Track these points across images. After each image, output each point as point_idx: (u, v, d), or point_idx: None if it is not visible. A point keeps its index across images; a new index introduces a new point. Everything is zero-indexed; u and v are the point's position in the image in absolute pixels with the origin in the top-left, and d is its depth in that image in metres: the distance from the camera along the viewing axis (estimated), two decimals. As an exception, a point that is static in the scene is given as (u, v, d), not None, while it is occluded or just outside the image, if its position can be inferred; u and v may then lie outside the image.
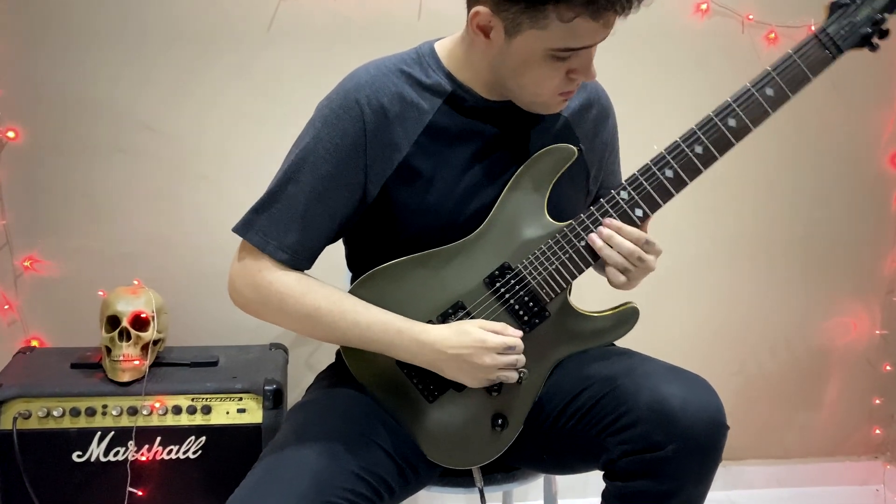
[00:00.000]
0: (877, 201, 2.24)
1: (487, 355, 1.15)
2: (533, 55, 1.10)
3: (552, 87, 1.15)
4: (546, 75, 1.13)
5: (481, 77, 1.20)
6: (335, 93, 1.21)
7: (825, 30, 1.18)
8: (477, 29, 1.12)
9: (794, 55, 1.17)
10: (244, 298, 1.22)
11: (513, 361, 1.16)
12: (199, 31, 1.86)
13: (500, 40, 1.11)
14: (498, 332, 1.16)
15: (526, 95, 1.17)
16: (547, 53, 1.09)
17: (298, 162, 1.19)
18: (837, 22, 1.17)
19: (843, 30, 1.17)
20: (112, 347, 1.65)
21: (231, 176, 1.91)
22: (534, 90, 1.16)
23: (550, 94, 1.16)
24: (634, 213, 1.19)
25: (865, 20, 1.17)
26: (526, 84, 1.15)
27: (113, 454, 1.62)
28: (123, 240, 1.91)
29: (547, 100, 1.18)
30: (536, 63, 1.11)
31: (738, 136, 1.18)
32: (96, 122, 1.86)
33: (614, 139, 1.39)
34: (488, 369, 1.16)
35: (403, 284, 1.22)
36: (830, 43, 1.17)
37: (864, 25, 1.17)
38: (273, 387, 1.65)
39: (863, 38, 1.18)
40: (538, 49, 1.09)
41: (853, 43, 1.18)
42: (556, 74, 1.13)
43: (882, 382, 2.34)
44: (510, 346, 1.15)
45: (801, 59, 1.17)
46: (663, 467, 1.10)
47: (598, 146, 1.34)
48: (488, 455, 1.27)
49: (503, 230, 1.21)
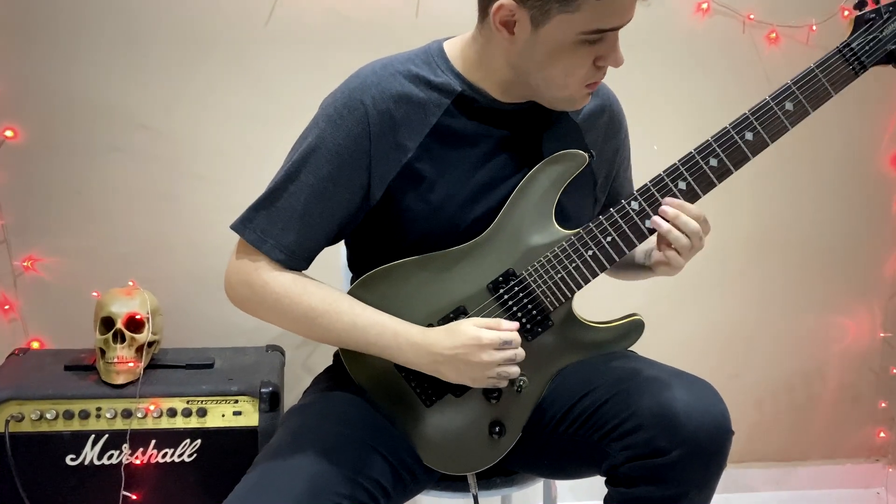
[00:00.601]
0: (878, 203, 2.23)
1: (484, 352, 1.12)
2: (563, 43, 1.08)
3: (580, 76, 1.12)
4: (575, 64, 1.10)
5: (496, 77, 1.17)
6: (340, 91, 1.19)
7: (849, 44, 1.15)
8: (500, 25, 1.10)
9: (817, 69, 1.14)
10: (239, 296, 1.20)
11: (511, 356, 1.13)
12: (195, 30, 1.85)
13: (526, 33, 1.09)
14: (493, 328, 1.14)
15: (552, 90, 1.15)
16: (577, 39, 1.07)
17: (300, 161, 1.17)
18: (862, 36, 1.14)
19: (868, 45, 1.14)
20: (106, 349, 1.64)
21: (228, 176, 1.90)
22: (562, 82, 1.13)
23: (577, 86, 1.14)
24: (645, 224, 1.17)
25: (892, 36, 1.14)
26: (554, 76, 1.12)
27: (107, 457, 1.61)
28: (118, 240, 1.90)
29: (573, 93, 1.15)
30: (566, 51, 1.09)
31: (755, 150, 1.16)
32: (94, 121, 1.86)
33: (625, 148, 1.37)
34: (487, 366, 1.13)
35: (405, 287, 1.20)
36: (854, 58, 1.14)
37: (891, 42, 1.14)
38: (269, 389, 1.64)
39: (888, 54, 1.15)
40: (569, 35, 1.07)
41: (878, 59, 1.15)
42: (584, 62, 1.11)
43: (887, 386, 2.33)
44: (506, 341, 1.13)
45: (824, 74, 1.14)
46: (667, 473, 1.09)
47: (608, 154, 1.32)
48: (485, 462, 1.25)
49: (509, 235, 1.19)
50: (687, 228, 1.15)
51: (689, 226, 1.15)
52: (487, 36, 1.14)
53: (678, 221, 1.15)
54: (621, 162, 1.37)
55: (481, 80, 1.18)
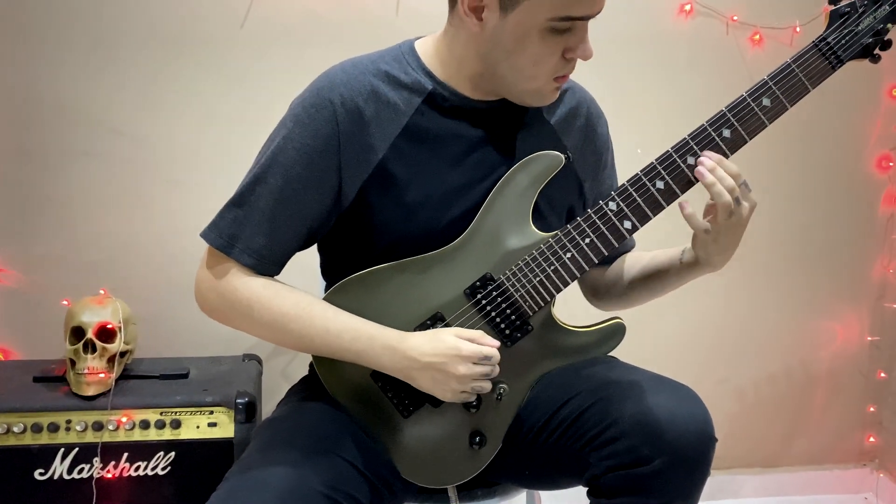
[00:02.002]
0: (864, 205, 2.24)
1: (462, 364, 1.10)
2: (531, 29, 1.07)
3: (548, 68, 1.11)
4: (543, 53, 1.09)
5: (466, 72, 1.16)
6: (308, 91, 1.17)
7: (825, 38, 1.14)
8: (468, 10, 1.09)
9: (793, 64, 1.13)
10: (209, 304, 1.18)
11: (488, 372, 1.12)
12: (169, 31, 1.83)
13: (494, 19, 1.08)
14: (474, 341, 1.12)
15: (520, 81, 1.13)
16: (545, 26, 1.06)
17: (268, 163, 1.15)
18: (838, 31, 1.14)
19: (844, 39, 1.13)
20: (76, 360, 1.62)
21: (203, 180, 1.88)
22: (530, 72, 1.11)
23: (546, 78, 1.12)
24: (623, 224, 1.15)
25: (867, 30, 1.13)
26: (522, 65, 1.11)
27: (77, 471, 1.59)
28: (89, 247, 1.88)
29: (541, 85, 1.14)
30: (534, 39, 1.08)
31: (733, 147, 1.14)
32: (62, 124, 1.83)
33: (607, 151, 1.34)
34: (462, 379, 1.11)
35: (380, 293, 1.18)
36: (831, 52, 1.14)
37: (866, 35, 1.14)
38: (245, 400, 1.61)
39: (864, 48, 1.14)
40: (537, 21, 1.06)
41: (854, 53, 1.14)
42: (553, 52, 1.09)
43: (875, 390, 2.33)
44: (486, 356, 1.11)
45: (800, 69, 1.13)
46: (650, 483, 1.07)
47: (591, 157, 1.30)
48: (465, 474, 1.22)
49: (486, 239, 1.17)
50: (724, 182, 1.10)
51: (727, 180, 1.10)
52: (457, 26, 1.13)
53: (716, 173, 1.10)
54: (604, 166, 1.34)
55: (452, 76, 1.17)
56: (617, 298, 1.35)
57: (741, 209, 1.12)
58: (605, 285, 1.37)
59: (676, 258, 1.25)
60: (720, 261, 1.18)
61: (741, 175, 1.12)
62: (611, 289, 1.36)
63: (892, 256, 2.25)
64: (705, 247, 1.17)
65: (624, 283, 1.33)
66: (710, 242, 1.15)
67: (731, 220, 1.12)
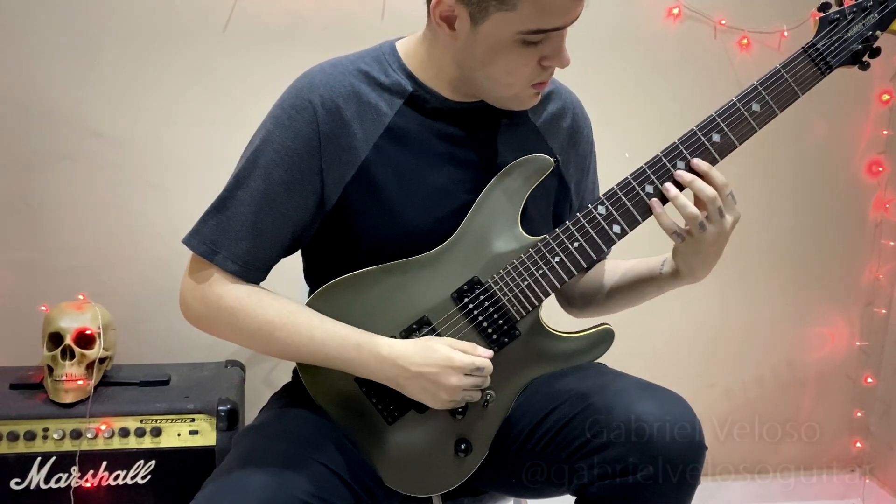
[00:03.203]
0: (854, 211, 2.24)
1: (454, 375, 1.09)
2: (502, 41, 1.05)
3: (524, 76, 1.09)
4: (517, 63, 1.07)
5: (445, 75, 1.15)
6: (287, 92, 1.16)
7: (815, 44, 1.14)
8: (440, 20, 1.07)
9: (783, 70, 1.14)
10: (194, 313, 1.16)
11: (479, 383, 1.11)
12: (151, 32, 1.81)
13: (466, 29, 1.06)
14: (466, 352, 1.11)
15: (496, 88, 1.12)
16: (517, 38, 1.04)
17: (248, 166, 1.13)
18: (827, 37, 1.14)
19: (833, 45, 1.14)
20: (54, 366, 1.59)
21: (185, 184, 1.86)
22: (505, 81, 1.10)
23: (523, 86, 1.11)
24: (612, 229, 1.14)
25: (856, 37, 1.14)
26: (496, 75, 1.09)
27: (55, 481, 1.56)
28: (68, 252, 1.85)
29: (519, 92, 1.12)
30: (507, 50, 1.06)
31: (723, 152, 1.13)
32: (41, 127, 1.80)
33: (590, 155, 1.33)
34: (453, 390, 1.10)
35: (365, 297, 1.16)
36: (820, 59, 1.14)
37: (855, 42, 1.14)
38: (227, 407, 1.59)
39: (854, 55, 1.15)
40: (508, 34, 1.04)
41: (844, 60, 1.15)
42: (528, 62, 1.07)
43: (863, 395, 2.33)
44: (478, 368, 1.10)
45: (790, 75, 1.14)
46: (639, 492, 1.05)
47: (577, 159, 1.29)
48: (450, 482, 1.20)
49: (474, 242, 1.16)
50: (702, 194, 1.09)
51: (705, 191, 1.09)
52: (434, 31, 1.12)
53: (693, 186, 1.09)
54: (589, 167, 1.33)
55: (432, 79, 1.15)
56: (593, 307, 1.34)
57: (723, 222, 1.10)
58: (581, 294, 1.36)
59: (657, 269, 1.23)
60: (701, 273, 1.17)
61: (728, 186, 1.10)
62: (588, 297, 1.35)
63: (881, 261, 2.25)
64: (686, 258, 1.16)
65: (603, 291, 1.32)
66: (692, 254, 1.14)
67: (709, 232, 1.10)
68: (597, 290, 1.33)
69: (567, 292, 1.38)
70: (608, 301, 1.32)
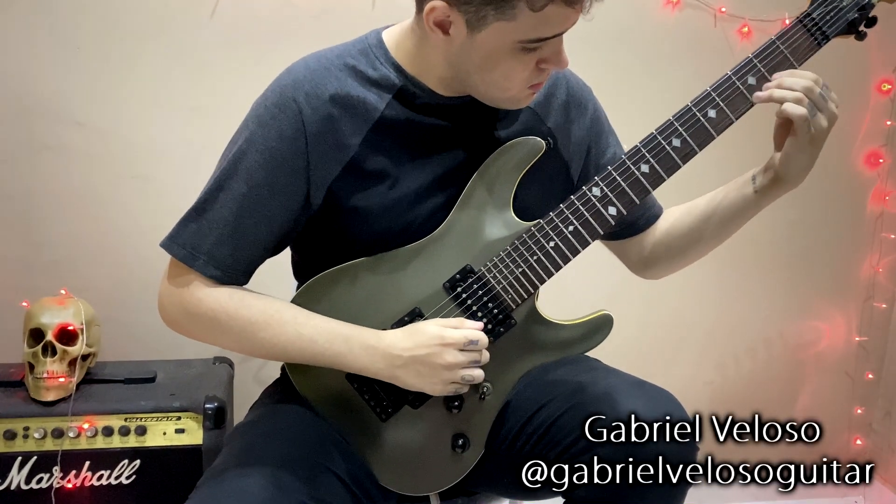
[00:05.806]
0: (852, 204, 2.23)
1: (448, 352, 1.06)
2: (501, 49, 1.02)
3: (522, 80, 1.07)
4: (515, 68, 1.05)
5: (435, 73, 1.11)
6: (271, 90, 1.12)
7: (810, 14, 1.12)
8: (434, 25, 1.04)
9: (778, 41, 1.12)
10: (173, 318, 1.14)
11: (476, 357, 1.08)
12: (135, 20, 1.78)
13: (462, 36, 1.03)
14: (456, 328, 1.08)
15: (492, 91, 1.09)
16: (516, 46, 1.02)
17: (230, 167, 1.10)
18: (822, 6, 1.12)
19: (828, 14, 1.12)
20: (35, 363, 1.57)
21: (170, 176, 1.84)
22: (503, 85, 1.07)
23: (520, 88, 1.08)
24: (608, 211, 1.12)
25: (852, 5, 1.12)
26: (494, 80, 1.07)
27: (36, 481, 1.54)
28: (49, 246, 1.83)
29: (516, 94, 1.09)
30: (505, 57, 1.03)
31: (719, 128, 1.12)
32: (20, 116, 1.78)
33: (598, 126, 1.28)
34: (450, 367, 1.07)
35: (354, 291, 1.14)
36: (816, 28, 1.12)
37: (850, 11, 1.12)
38: (214, 405, 1.57)
39: (849, 24, 1.13)
40: (507, 42, 1.01)
41: (840, 30, 1.13)
42: (525, 66, 1.05)
43: (862, 391, 2.32)
44: (472, 340, 1.07)
45: (785, 46, 1.11)
46: (629, 493, 1.04)
47: (577, 137, 1.25)
48: (448, 480, 1.18)
49: (465, 230, 1.13)
50: (799, 86, 1.06)
51: (802, 82, 1.06)
52: (425, 33, 1.07)
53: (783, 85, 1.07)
54: (597, 140, 1.28)
55: (421, 73, 1.12)
56: (673, 259, 1.29)
57: (829, 107, 1.08)
58: (654, 253, 1.30)
59: (749, 190, 1.20)
60: (804, 174, 1.14)
61: (820, 80, 1.07)
62: (663, 252, 1.29)
63: (881, 255, 2.24)
64: (793, 158, 1.12)
65: (682, 240, 1.26)
66: (798, 152, 1.10)
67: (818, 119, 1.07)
68: (672, 242, 1.27)
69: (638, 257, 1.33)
70: (691, 246, 1.27)
